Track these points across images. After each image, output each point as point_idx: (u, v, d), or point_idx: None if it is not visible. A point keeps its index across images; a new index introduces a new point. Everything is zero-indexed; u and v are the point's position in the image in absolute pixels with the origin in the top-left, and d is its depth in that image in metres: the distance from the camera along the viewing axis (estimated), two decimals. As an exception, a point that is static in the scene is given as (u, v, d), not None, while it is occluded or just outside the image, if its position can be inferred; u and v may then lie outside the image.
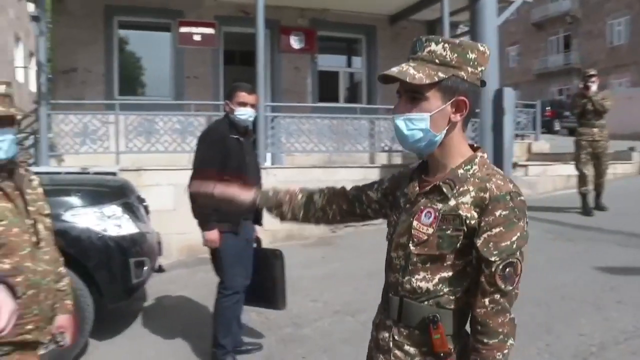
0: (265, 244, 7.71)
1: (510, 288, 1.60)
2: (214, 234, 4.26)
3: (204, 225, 4.28)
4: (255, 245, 4.69)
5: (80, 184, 5.25)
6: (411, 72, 1.62)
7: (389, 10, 13.06)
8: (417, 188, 1.76)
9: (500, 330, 1.60)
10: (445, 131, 1.67)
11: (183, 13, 11.80)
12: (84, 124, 9.17)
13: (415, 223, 1.69)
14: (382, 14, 13.10)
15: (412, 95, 1.65)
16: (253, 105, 4.41)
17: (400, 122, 1.67)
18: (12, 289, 2.01)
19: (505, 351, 1.62)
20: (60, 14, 11.48)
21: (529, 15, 40.45)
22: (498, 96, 10.23)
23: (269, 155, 10.08)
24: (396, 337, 1.74)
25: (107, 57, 11.61)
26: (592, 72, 8.63)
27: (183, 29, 11.60)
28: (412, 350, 1.71)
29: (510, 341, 1.62)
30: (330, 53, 13.68)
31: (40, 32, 9.20)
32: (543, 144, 13.71)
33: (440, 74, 1.62)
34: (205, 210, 4.21)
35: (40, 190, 2.59)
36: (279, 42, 12.47)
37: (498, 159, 10.24)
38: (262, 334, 4.90)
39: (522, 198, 1.63)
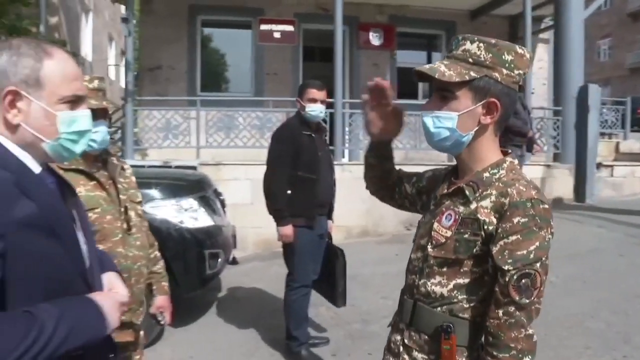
0: (340, 239, 7.80)
1: (527, 301, 1.50)
2: (288, 229, 4.33)
3: (279, 220, 4.35)
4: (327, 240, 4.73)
5: (160, 178, 5.45)
6: (442, 69, 1.58)
7: (469, 5, 12.79)
8: (445, 190, 1.71)
9: (513, 345, 1.50)
10: (473, 133, 1.61)
11: (263, 11, 11.99)
12: (166, 119, 9.48)
13: (435, 225, 1.65)
14: (463, 9, 12.85)
15: (442, 94, 1.61)
16: (323, 102, 4.45)
17: (428, 119, 1.63)
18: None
19: None
20: (147, 14, 11.92)
21: (624, 5, 38.50)
22: (582, 93, 9.85)
23: (346, 152, 10.11)
24: (406, 341, 1.69)
25: (190, 55, 11.96)
26: None
27: (263, 27, 11.78)
28: (419, 357, 1.65)
29: (527, 359, 1.51)
30: (410, 49, 13.54)
31: (128, 32, 9.59)
32: (632, 143, 12.99)
33: (472, 73, 1.57)
34: (280, 206, 4.29)
35: (132, 179, 2.75)
36: (358, 39, 12.45)
37: (581, 159, 9.87)
38: (330, 329, 4.93)
39: (545, 206, 1.54)
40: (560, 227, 7.89)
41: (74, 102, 1.42)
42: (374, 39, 12.46)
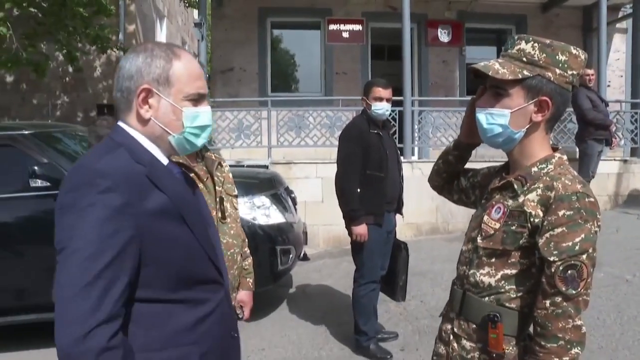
0: (410, 237, 7.83)
1: (574, 292, 1.52)
2: (362, 228, 4.39)
3: (353, 219, 4.41)
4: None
5: (233, 176, 5.64)
6: (496, 67, 1.63)
7: (541, -2, 12.48)
8: (497, 184, 1.76)
9: (561, 335, 1.53)
10: (525, 130, 1.65)
11: (331, 11, 12.09)
12: (239, 120, 9.73)
13: (485, 217, 1.70)
14: (533, 2, 12.52)
15: (496, 91, 1.66)
16: (389, 100, 4.49)
17: (481, 116, 1.69)
18: None
19: (566, 358, 1.53)
20: (218, 18, 12.24)
21: None
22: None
23: (415, 149, 10.10)
24: (456, 330, 1.74)
25: (260, 57, 12.19)
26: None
27: (332, 27, 11.87)
28: (468, 345, 1.70)
29: (576, 350, 1.54)
30: (479, 45, 13.34)
31: (201, 36, 9.89)
32: None
33: (525, 72, 1.61)
34: (354, 206, 4.36)
35: (229, 175, 2.98)
36: (426, 36, 12.37)
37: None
38: (399, 324, 4.98)
39: (591, 200, 1.56)
40: (639, 224, 7.64)
41: (197, 99, 1.56)
42: (443, 35, 12.35)
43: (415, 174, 8.46)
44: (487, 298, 1.68)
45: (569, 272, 1.52)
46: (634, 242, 6.71)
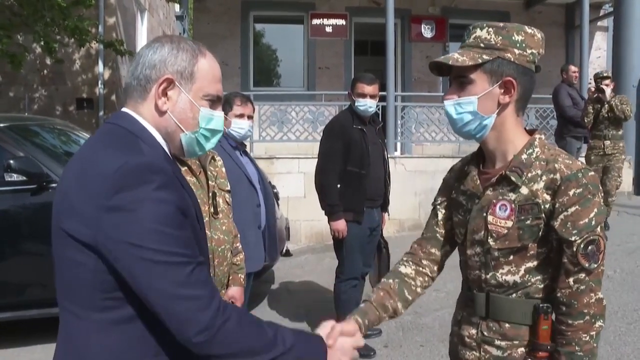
0: (392, 233, 7.80)
1: (595, 266, 1.56)
2: (340, 224, 4.36)
3: (331, 215, 4.39)
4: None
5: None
6: (455, 56, 1.64)
7: (524, -6, 12.53)
8: (479, 181, 1.73)
9: (586, 310, 1.56)
10: (495, 114, 1.66)
11: (314, 5, 12.04)
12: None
13: (490, 218, 1.66)
14: (517, -1, 12.61)
15: (460, 81, 1.67)
16: (373, 96, 4.44)
17: (450, 108, 1.69)
18: None
19: (593, 332, 1.57)
20: (200, 12, 12.14)
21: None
22: (644, 82, 9.54)
23: (398, 145, 10.08)
24: (485, 334, 1.71)
25: (243, 51, 12.11)
26: (606, 73, 7.33)
27: (315, 21, 11.83)
28: (503, 344, 1.67)
29: (599, 322, 1.57)
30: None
31: (183, 29, 9.78)
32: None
33: (485, 56, 1.63)
34: (332, 201, 4.34)
35: (222, 169, 2.94)
36: (410, 32, 12.37)
37: (642, 151, 9.57)
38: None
39: (593, 173, 1.60)
40: (619, 220, 7.70)
41: (214, 102, 1.51)
42: (426, 31, 12.35)
43: (398, 170, 8.43)
44: (514, 295, 1.66)
45: (590, 247, 1.56)
46: (615, 238, 6.74)
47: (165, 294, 1.27)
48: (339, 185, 4.36)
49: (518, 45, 1.63)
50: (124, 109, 1.48)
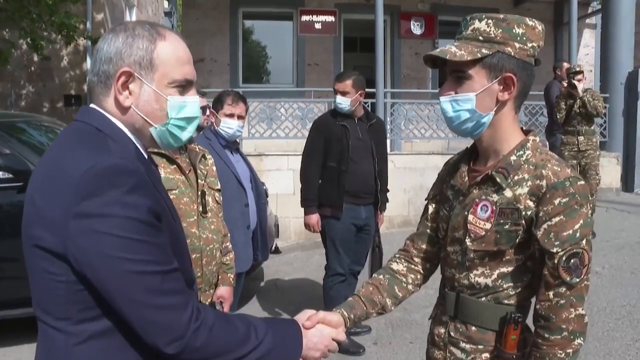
0: (382, 229, 7.75)
1: (577, 280, 1.47)
2: (312, 218, 4.47)
3: (305, 209, 4.50)
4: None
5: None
6: (453, 50, 1.55)
7: (513, -8, 12.55)
8: (467, 178, 1.67)
9: (564, 326, 1.48)
10: (493, 112, 1.57)
11: (304, 2, 12.01)
12: (210, 111, 9.59)
13: (470, 217, 1.60)
14: (506, -4, 12.63)
15: (456, 75, 1.57)
16: (344, 93, 4.39)
17: (446, 104, 1.60)
18: None
19: (569, 350, 1.49)
20: (189, 7, 12.07)
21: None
22: (632, 79, 9.59)
23: (387, 142, 10.06)
24: (452, 334, 1.67)
25: (232, 47, 12.06)
26: (578, 68, 7.20)
27: (304, 18, 11.80)
28: (468, 347, 1.63)
29: (579, 340, 1.49)
30: (452, 38, 13.28)
31: (172, 26, 9.73)
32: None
33: (484, 51, 1.53)
34: (307, 195, 4.44)
35: (213, 168, 2.91)
36: (399, 28, 12.36)
37: (629, 147, 9.64)
38: (372, 317, 4.94)
39: (582, 182, 1.51)
40: (607, 217, 7.74)
41: (184, 87, 1.39)
42: (415, 28, 12.35)
43: (388, 167, 8.41)
44: (484, 298, 1.61)
45: (572, 260, 1.47)
46: (603, 234, 6.77)
47: (138, 304, 1.22)
48: (320, 181, 4.44)
49: (519, 38, 1.54)
50: (91, 105, 1.39)
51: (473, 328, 1.63)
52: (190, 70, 1.41)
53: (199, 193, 2.72)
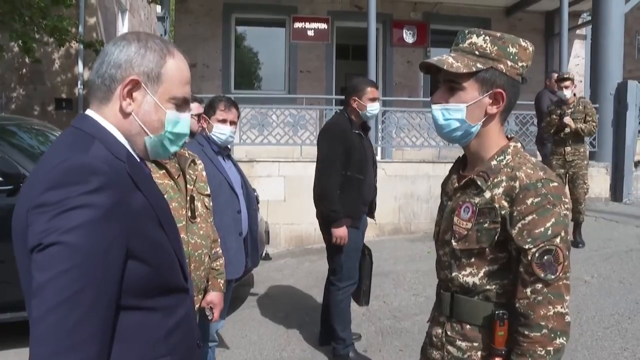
0: (372, 237, 7.80)
1: (552, 277, 1.54)
2: (343, 230, 4.20)
3: (334, 221, 4.21)
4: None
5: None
6: (450, 61, 1.64)
7: (504, 2, 12.60)
8: (456, 184, 1.76)
9: (543, 323, 1.53)
10: (481, 123, 1.67)
11: (297, 9, 12.04)
12: (201, 117, 9.57)
13: (455, 219, 1.70)
14: (497, 6, 12.69)
15: (450, 85, 1.67)
16: (375, 99, 4.35)
17: (437, 112, 1.70)
18: None
19: (550, 348, 1.53)
20: (182, 13, 12.07)
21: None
22: (621, 90, 9.67)
23: (379, 149, 10.09)
24: (449, 333, 1.73)
25: (224, 53, 12.06)
26: (567, 75, 6.93)
27: (297, 25, 11.83)
28: (463, 345, 1.69)
29: (561, 340, 1.54)
30: (444, 47, 13.42)
31: (164, 31, 9.72)
32: (673, 141, 12.70)
33: (479, 65, 1.63)
34: (336, 207, 4.20)
35: (203, 173, 2.91)
36: (391, 36, 12.41)
37: (618, 157, 9.71)
38: (362, 325, 4.95)
39: (555, 184, 1.59)
40: (597, 226, 7.79)
41: (180, 105, 1.47)
42: (408, 36, 12.40)
43: (379, 174, 8.39)
44: (476, 297, 1.68)
45: (545, 257, 1.54)
46: (592, 243, 6.82)
47: (44, 337, 1.15)
48: (338, 192, 4.23)
49: (511, 57, 1.65)
50: (87, 111, 1.43)
51: (467, 326, 1.69)
52: (188, 90, 1.50)
53: (188, 198, 2.72)
